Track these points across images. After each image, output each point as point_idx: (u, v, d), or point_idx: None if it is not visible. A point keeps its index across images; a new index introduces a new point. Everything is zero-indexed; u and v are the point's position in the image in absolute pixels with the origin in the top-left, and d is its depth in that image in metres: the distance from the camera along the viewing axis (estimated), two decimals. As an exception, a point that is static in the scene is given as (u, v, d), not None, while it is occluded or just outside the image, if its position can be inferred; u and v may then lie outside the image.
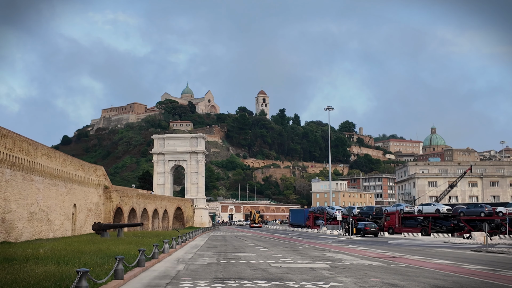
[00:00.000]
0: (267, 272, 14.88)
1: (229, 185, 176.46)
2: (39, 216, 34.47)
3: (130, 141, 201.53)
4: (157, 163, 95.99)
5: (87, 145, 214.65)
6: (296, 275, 14.07)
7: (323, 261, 19.30)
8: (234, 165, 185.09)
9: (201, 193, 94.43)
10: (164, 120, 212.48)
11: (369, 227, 47.79)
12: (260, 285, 11.86)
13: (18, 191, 30.73)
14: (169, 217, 77.81)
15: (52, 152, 38.26)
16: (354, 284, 12.32)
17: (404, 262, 19.32)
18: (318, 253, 24.28)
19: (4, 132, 28.90)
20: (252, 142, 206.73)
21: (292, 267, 16.51)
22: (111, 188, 52.91)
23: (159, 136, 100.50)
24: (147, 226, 63.95)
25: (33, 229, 33.48)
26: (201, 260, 19.70)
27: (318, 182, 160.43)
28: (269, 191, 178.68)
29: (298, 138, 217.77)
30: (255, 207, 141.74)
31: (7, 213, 28.90)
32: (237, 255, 22.71)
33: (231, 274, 14.28)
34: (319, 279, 13.13)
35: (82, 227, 44.11)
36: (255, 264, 17.81)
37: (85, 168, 46.34)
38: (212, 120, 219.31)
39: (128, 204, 56.56)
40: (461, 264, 18.92)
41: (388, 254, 24.04)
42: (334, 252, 25.69)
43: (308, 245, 32.10)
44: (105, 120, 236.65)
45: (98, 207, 49.62)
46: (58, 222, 38.37)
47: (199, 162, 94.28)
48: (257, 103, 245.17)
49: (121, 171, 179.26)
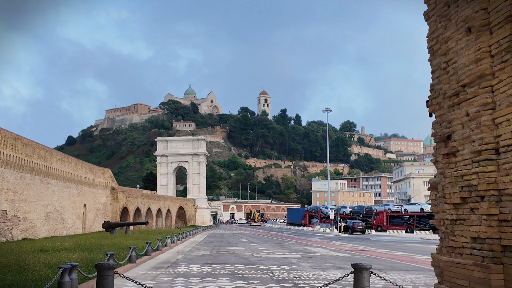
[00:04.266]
0: (247, 260, 18.66)
1: (231, 184, 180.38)
2: (54, 216, 38.42)
3: (134, 141, 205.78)
4: (160, 164, 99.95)
5: (91, 145, 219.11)
6: (269, 262, 17.83)
7: (298, 253, 23.06)
8: (236, 165, 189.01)
9: (202, 193, 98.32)
10: (167, 121, 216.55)
11: (356, 225, 51.48)
12: (238, 267, 15.62)
13: (37, 193, 34.66)
14: (172, 216, 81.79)
15: (65, 157, 42.19)
16: (310, 267, 16.07)
17: (368, 254, 22.99)
18: (300, 247, 28.01)
19: (26, 141, 32.82)
20: (253, 142, 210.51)
21: (269, 257, 20.28)
22: (118, 189, 56.85)
23: (162, 139, 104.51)
24: (151, 225, 67.92)
25: (49, 227, 37.41)
26: (197, 252, 23.50)
27: (318, 181, 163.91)
28: (270, 190, 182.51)
29: (299, 138, 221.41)
30: (256, 206, 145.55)
31: (27, 213, 32.83)
32: (229, 248, 26.51)
33: (218, 261, 18.07)
34: (285, 264, 16.88)
35: (92, 226, 48.07)
36: (241, 255, 21.59)
37: (94, 171, 50.31)
38: (214, 120, 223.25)
39: (133, 204, 60.51)
40: (413, 255, 22.61)
41: (360, 248, 27.73)
42: (315, 246, 29.39)
43: (296, 241, 35.82)
44: (109, 121, 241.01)
45: (106, 207, 53.59)
46: (70, 221, 42.32)
47: (200, 164, 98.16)
48: (259, 103, 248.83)
49: (125, 171, 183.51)
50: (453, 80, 6.07)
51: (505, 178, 5.26)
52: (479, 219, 5.60)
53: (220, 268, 15.49)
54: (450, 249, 6.24)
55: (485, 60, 5.49)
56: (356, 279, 7.01)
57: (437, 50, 6.53)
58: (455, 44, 6.06)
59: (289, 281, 12.41)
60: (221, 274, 13.82)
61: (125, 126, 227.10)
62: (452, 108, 6.18)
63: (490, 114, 5.49)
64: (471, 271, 5.64)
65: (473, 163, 5.76)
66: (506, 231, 5.22)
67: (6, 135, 29.22)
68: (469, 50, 5.71)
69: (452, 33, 6.10)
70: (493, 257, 5.39)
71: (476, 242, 5.68)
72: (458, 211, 6.03)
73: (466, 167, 5.89)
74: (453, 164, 6.15)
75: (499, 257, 5.37)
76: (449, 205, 6.19)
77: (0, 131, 28.67)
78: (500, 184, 5.32)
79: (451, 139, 6.24)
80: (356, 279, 7.01)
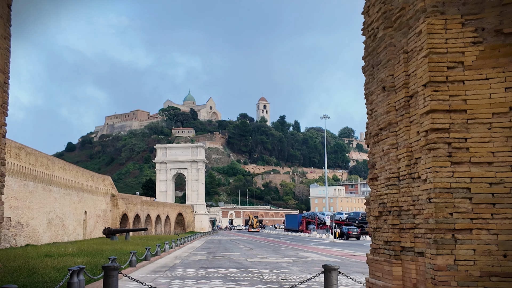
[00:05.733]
0: (240, 264, 19.77)
1: (230, 190, 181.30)
2: (56, 222, 39.49)
3: (133, 147, 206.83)
4: (159, 171, 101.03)
5: (91, 151, 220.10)
6: (261, 266, 18.95)
7: (290, 258, 24.16)
8: (235, 171, 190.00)
9: (201, 200, 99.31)
10: (166, 127, 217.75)
11: (351, 231, 52.55)
12: (231, 271, 16.75)
13: (39, 200, 35.76)
14: (171, 222, 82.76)
15: (67, 165, 43.32)
16: (298, 270, 17.19)
17: (357, 259, 24.08)
18: (293, 253, 29.10)
19: (29, 151, 33.99)
20: (252, 148, 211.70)
21: (262, 261, 21.39)
22: (118, 196, 57.92)
23: (161, 146, 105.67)
24: (150, 231, 68.88)
25: (51, 233, 38.47)
26: (194, 257, 24.59)
27: (317, 187, 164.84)
28: (269, 196, 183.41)
29: (298, 144, 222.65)
30: (255, 213, 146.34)
31: (30, 220, 33.91)
32: (225, 253, 27.60)
33: (213, 265, 19.18)
34: (276, 268, 18.00)
35: (92, 232, 49.11)
36: (236, 259, 22.70)
37: (94, 178, 51.43)
38: (213, 126, 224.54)
39: (133, 210, 61.55)
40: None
41: (352, 253, 28.81)
42: (309, 252, 30.47)
43: (291, 247, 36.88)
44: (108, 127, 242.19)
45: (106, 213, 54.64)
46: (71, 227, 43.37)
47: (199, 171, 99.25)
48: (258, 110, 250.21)
49: (124, 177, 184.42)
50: (375, 124, 7.89)
51: (402, 198, 7.01)
52: (388, 228, 7.37)
53: (214, 271, 16.62)
54: (373, 250, 8.09)
55: (392, 112, 7.24)
56: (326, 278, 8.19)
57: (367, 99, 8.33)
58: (376, 97, 7.85)
59: (276, 282, 13.53)
60: (215, 277, 14.94)
61: (124, 133, 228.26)
62: (374, 144, 8.05)
63: (395, 151, 7.20)
64: (383, 266, 7.38)
65: (385, 186, 7.50)
66: (403, 236, 6.98)
67: (10, 145, 30.38)
68: (383, 104, 7.49)
69: (374, 89, 7.91)
70: (394, 255, 7.12)
71: (386, 244, 7.45)
72: (377, 221, 7.85)
73: (381, 189, 7.66)
74: (375, 186, 7.97)
75: (399, 255, 7.09)
76: (372, 217, 8.08)
77: (5, 141, 29.82)
78: (400, 203, 7.11)
79: (374, 167, 8.03)
80: (326, 278, 8.19)
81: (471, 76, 5.72)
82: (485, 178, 5.55)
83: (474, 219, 5.52)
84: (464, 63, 5.75)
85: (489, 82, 5.66)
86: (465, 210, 5.55)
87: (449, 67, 5.78)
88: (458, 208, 5.56)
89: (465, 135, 5.66)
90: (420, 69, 6.03)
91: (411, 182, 6.55)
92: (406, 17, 6.53)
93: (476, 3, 5.79)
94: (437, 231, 5.58)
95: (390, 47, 6.98)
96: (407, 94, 6.66)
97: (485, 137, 5.60)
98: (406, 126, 6.73)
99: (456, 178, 5.61)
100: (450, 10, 5.82)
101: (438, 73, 5.78)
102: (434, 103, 5.74)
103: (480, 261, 5.44)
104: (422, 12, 5.96)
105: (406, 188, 6.75)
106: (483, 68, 5.68)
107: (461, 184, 5.58)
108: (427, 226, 5.81)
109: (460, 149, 5.65)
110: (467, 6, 5.81)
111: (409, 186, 6.60)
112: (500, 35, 5.67)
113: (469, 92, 5.71)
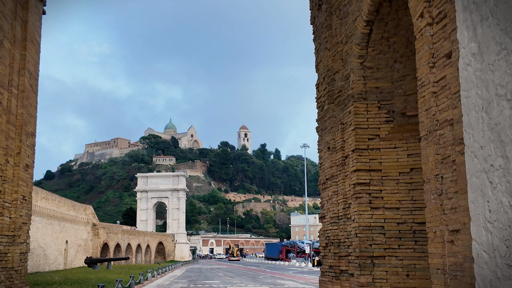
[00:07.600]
0: (220, 291, 21.45)
1: (211, 219, 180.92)
2: (37, 252, 40.09)
3: (114, 175, 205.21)
4: (140, 200, 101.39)
5: (70, 179, 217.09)
6: (239, 292, 20.68)
7: (268, 285, 25.84)
8: (215, 199, 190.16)
9: (182, 228, 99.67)
10: (147, 155, 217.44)
11: (328, 259, 54.23)
12: (211, 297, 18.48)
13: (23, 230, 36.54)
14: (151, 251, 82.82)
15: (49, 195, 44.23)
16: (272, 295, 19.01)
17: (328, 285, 25.96)
18: (271, 280, 30.72)
19: (16, 182, 35.09)
20: (233, 176, 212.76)
21: (240, 288, 23.07)
22: (99, 225, 58.49)
23: (142, 175, 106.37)
24: (131, 260, 69.02)
25: (33, 263, 39.00)
26: (176, 285, 26.02)
27: (297, 215, 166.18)
28: (250, 224, 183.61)
29: (278, 172, 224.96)
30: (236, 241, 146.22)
31: (14, 250, 34.63)
32: (205, 281, 29.05)
33: (195, 292, 20.82)
34: (252, 294, 19.76)
35: (73, 261, 49.47)
36: (216, 287, 24.29)
37: (76, 208, 52.18)
38: (194, 154, 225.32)
39: (113, 239, 62.00)
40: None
41: (325, 280, 30.65)
42: (286, 280, 32.11)
43: (270, 275, 38.40)
44: (88, 155, 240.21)
45: (87, 242, 55.07)
46: (52, 257, 43.88)
47: (180, 199, 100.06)
48: (239, 138, 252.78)
49: (104, 205, 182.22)
50: (323, 175, 10.23)
51: (340, 233, 9.23)
52: (331, 255, 9.63)
53: (195, 297, 18.28)
54: (322, 273, 10.40)
55: (334, 168, 9.52)
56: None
57: (319, 154, 10.58)
58: (323, 154, 10.25)
59: (251, 305, 15.30)
60: (196, 301, 16.61)
61: (104, 161, 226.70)
62: (323, 190, 10.38)
63: (336, 197, 9.48)
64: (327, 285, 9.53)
65: (330, 224, 9.77)
66: (341, 262, 9.10)
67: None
68: (328, 160, 9.84)
69: (322, 147, 10.33)
70: (335, 276, 9.33)
71: (330, 268, 9.70)
72: (324, 250, 10.09)
73: (327, 226, 9.97)
74: (324, 223, 10.27)
75: (338, 276, 9.27)
76: (321, 247, 10.33)
77: None
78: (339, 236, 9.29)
79: (323, 208, 10.26)
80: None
81: (384, 145, 8.02)
82: (394, 219, 7.76)
83: (386, 249, 7.69)
84: (380, 136, 8.06)
85: (397, 150, 7.96)
86: (380, 242, 7.73)
87: (369, 138, 8.07)
88: (376, 241, 7.73)
89: (381, 187, 7.89)
90: (350, 138, 8.31)
91: (346, 221, 8.72)
92: (342, 97, 8.87)
93: (388, 92, 8.15)
94: (361, 258, 7.72)
95: (332, 118, 9.32)
96: (343, 155, 8.91)
97: (394, 190, 7.85)
98: (342, 178, 8.97)
99: (374, 219, 7.80)
100: (370, 97, 8.16)
101: (362, 143, 8.06)
102: (359, 164, 7.99)
103: (391, 279, 7.58)
104: (351, 97, 8.29)
105: (343, 225, 8.92)
106: (393, 140, 7.99)
107: (377, 223, 7.77)
108: (355, 254, 7.94)
109: (377, 197, 7.87)
110: (382, 94, 8.16)
111: (344, 224, 8.76)
112: (404, 117, 8.01)
113: (383, 157, 7.99)
